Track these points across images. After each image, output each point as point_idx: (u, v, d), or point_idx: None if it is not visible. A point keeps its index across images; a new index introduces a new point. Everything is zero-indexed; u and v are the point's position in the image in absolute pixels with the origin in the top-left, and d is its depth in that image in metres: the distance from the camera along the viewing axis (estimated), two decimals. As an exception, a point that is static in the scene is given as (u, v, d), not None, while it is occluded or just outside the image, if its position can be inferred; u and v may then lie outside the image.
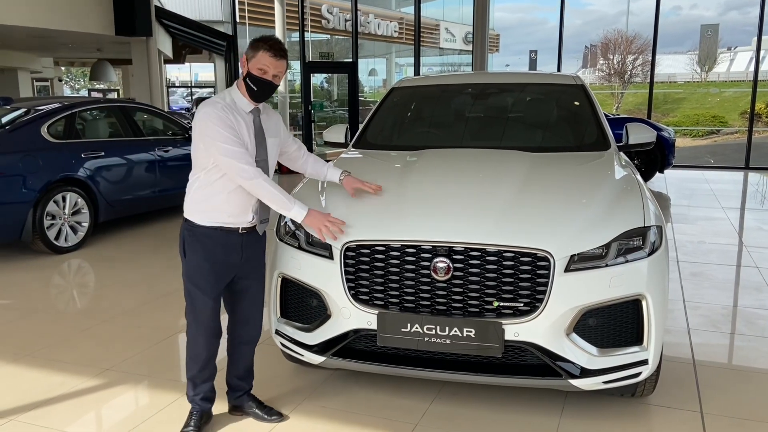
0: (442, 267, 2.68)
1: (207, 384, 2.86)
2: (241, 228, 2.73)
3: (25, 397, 3.20)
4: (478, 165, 3.54)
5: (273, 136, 2.83)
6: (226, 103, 2.66)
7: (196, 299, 2.73)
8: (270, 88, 2.68)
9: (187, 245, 2.73)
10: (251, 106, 2.71)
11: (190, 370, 2.83)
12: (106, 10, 10.53)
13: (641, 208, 2.89)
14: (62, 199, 6.09)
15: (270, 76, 2.65)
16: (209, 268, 2.70)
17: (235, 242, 2.72)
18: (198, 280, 2.71)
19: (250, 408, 2.97)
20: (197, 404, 2.85)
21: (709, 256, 5.86)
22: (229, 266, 2.75)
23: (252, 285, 2.88)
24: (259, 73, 2.63)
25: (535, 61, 28.82)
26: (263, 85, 2.65)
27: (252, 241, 2.80)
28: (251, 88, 2.66)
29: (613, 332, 2.73)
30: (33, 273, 5.55)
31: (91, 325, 4.22)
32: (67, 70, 35.37)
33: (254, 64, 2.63)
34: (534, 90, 4.66)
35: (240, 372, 2.97)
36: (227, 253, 2.72)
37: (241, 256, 2.76)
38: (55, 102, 6.69)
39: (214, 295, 2.74)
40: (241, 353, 2.96)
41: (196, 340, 2.78)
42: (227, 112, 2.61)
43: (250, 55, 2.66)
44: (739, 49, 32.59)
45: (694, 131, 23.50)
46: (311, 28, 17.24)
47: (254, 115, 2.72)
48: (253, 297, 2.90)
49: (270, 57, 2.62)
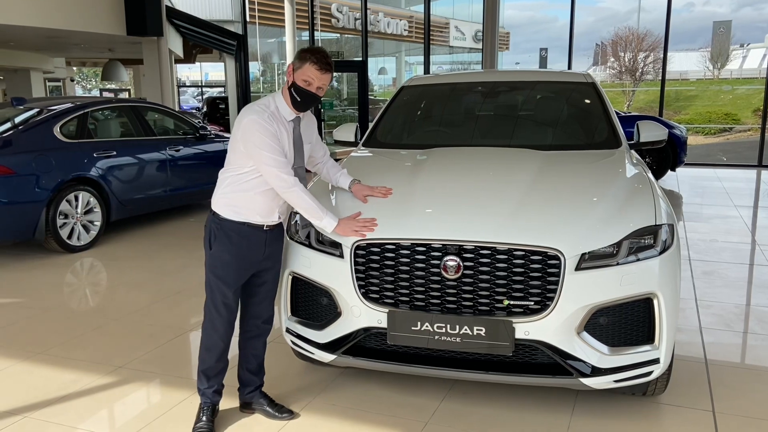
0: (452, 265, 2.68)
1: (220, 377, 2.90)
2: (266, 225, 2.79)
3: (38, 395, 3.23)
4: (488, 163, 3.53)
5: (308, 142, 2.91)
6: (270, 111, 2.71)
7: (217, 291, 2.78)
8: (313, 100, 2.74)
9: (214, 238, 2.77)
10: (293, 115, 2.77)
11: (205, 362, 2.85)
12: (117, 11, 10.60)
13: (653, 206, 2.88)
14: (75, 198, 6.14)
15: (314, 88, 2.70)
16: (233, 261, 2.75)
17: (260, 238, 2.78)
18: (221, 272, 2.76)
19: (260, 405, 2.99)
20: (208, 397, 2.88)
21: (721, 254, 5.82)
22: (252, 261, 2.80)
23: (268, 280, 2.93)
24: (303, 85, 2.69)
25: (546, 59, 28.68)
26: (307, 96, 2.71)
27: (275, 238, 2.87)
28: (295, 98, 2.72)
29: (624, 331, 2.72)
30: (46, 272, 5.60)
31: (103, 324, 4.25)
32: (79, 70, 35.64)
33: (300, 75, 2.69)
34: (544, 88, 4.64)
35: (252, 366, 3.00)
36: (251, 248, 2.78)
37: (264, 252, 2.81)
38: (68, 102, 6.74)
39: (236, 287, 2.80)
40: (253, 347, 2.99)
41: (214, 331, 2.82)
42: (271, 121, 2.67)
43: (296, 66, 2.71)
44: (752, 45, 32.27)
45: (707, 129, 23.31)
46: (321, 27, 17.26)
47: (295, 123, 2.79)
48: (267, 291, 2.95)
49: (316, 70, 2.68)
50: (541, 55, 29.42)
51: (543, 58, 28.84)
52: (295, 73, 2.71)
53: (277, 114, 2.73)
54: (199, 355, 2.88)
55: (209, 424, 2.84)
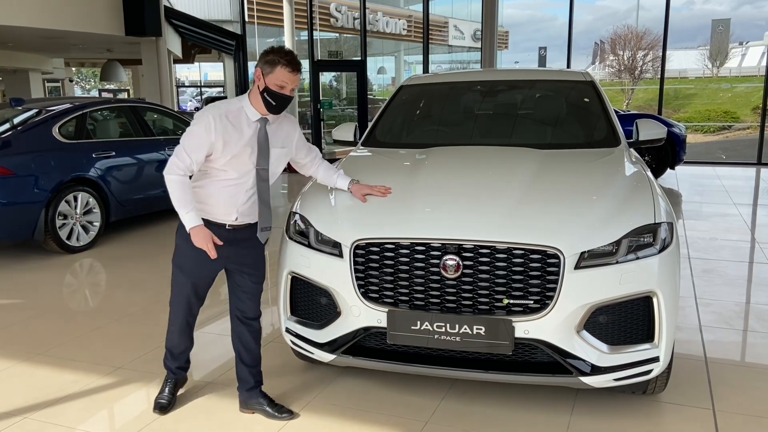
0: (451, 265, 2.68)
1: (184, 354, 3.12)
2: (228, 224, 2.81)
3: (38, 395, 3.23)
4: (488, 162, 3.53)
5: (280, 146, 2.88)
6: (229, 110, 2.73)
7: (177, 278, 2.93)
8: (286, 101, 2.75)
9: (179, 230, 2.84)
10: (259, 116, 2.76)
11: (170, 340, 3.07)
12: (116, 11, 10.59)
13: (652, 204, 2.88)
14: (74, 198, 6.13)
15: (288, 90, 2.71)
16: (193, 253, 2.79)
17: (221, 236, 2.79)
18: (181, 262, 2.89)
19: (260, 405, 2.99)
20: (173, 372, 3.11)
21: (721, 252, 5.82)
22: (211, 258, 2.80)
23: (245, 280, 2.94)
24: (277, 89, 2.69)
25: (545, 57, 28.68)
26: (282, 99, 2.72)
27: (242, 238, 2.86)
28: (270, 102, 2.71)
29: (624, 329, 2.72)
30: (45, 272, 5.59)
31: (102, 324, 4.25)
32: (78, 71, 35.62)
33: (272, 80, 2.68)
34: (543, 87, 4.64)
35: (246, 359, 3.01)
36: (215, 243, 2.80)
37: (227, 250, 2.82)
38: (66, 102, 6.74)
39: (194, 279, 2.89)
40: (244, 340, 3.00)
41: (176, 316, 3.00)
42: (220, 122, 2.67)
43: (267, 70, 2.69)
44: (751, 43, 32.28)
45: (706, 127, 23.31)
46: (320, 26, 17.25)
47: (261, 124, 2.77)
48: (247, 290, 2.96)
49: (288, 72, 2.68)
50: (540, 53, 29.43)
51: (542, 57, 28.84)
52: (266, 77, 2.69)
53: (239, 114, 2.73)
54: (166, 334, 3.08)
55: (170, 396, 3.07)
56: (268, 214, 2.86)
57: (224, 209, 2.79)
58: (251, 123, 2.75)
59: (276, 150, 2.84)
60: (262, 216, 2.84)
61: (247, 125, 2.74)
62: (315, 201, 3.21)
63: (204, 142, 2.67)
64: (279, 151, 2.86)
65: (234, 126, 2.70)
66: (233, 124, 2.70)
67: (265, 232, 2.88)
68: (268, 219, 2.87)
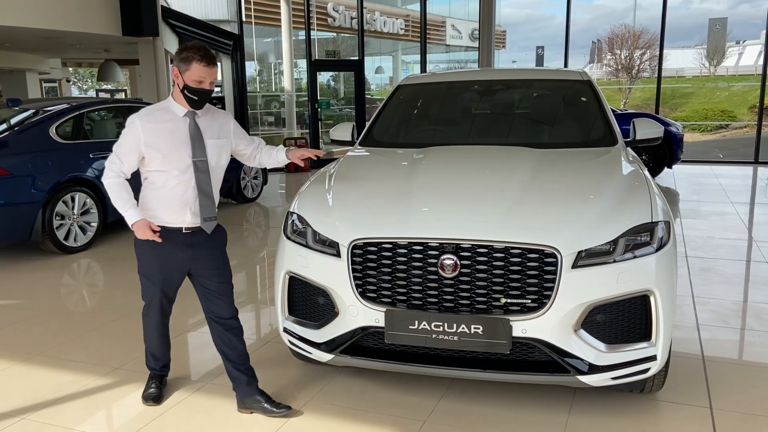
0: (449, 264, 2.68)
1: (165, 356, 3.21)
2: (184, 228, 2.85)
3: (36, 396, 3.22)
4: (485, 162, 3.53)
5: (214, 137, 2.91)
6: (155, 110, 2.85)
7: (147, 288, 3.00)
8: (207, 95, 2.83)
9: (137, 241, 2.89)
10: (185, 111, 2.83)
11: (149, 344, 3.15)
12: (112, 11, 10.57)
13: (649, 203, 2.88)
14: (71, 199, 6.13)
15: (207, 84, 2.78)
16: (155, 261, 2.90)
17: (179, 241, 2.86)
18: (146, 272, 2.96)
19: (257, 403, 2.98)
20: (157, 371, 3.21)
21: (718, 251, 5.83)
22: (176, 262, 2.90)
23: (210, 282, 2.95)
24: (196, 84, 2.76)
25: (542, 57, 28.70)
26: (201, 94, 2.79)
27: (200, 241, 2.89)
28: (191, 98, 2.79)
29: (621, 328, 2.72)
30: (43, 273, 5.59)
31: (100, 325, 4.25)
32: (75, 71, 35.54)
33: (190, 77, 2.75)
34: (540, 86, 4.65)
35: (233, 357, 3.02)
36: (172, 250, 2.87)
37: (187, 254, 2.88)
38: (63, 103, 6.73)
39: (161, 285, 2.95)
40: (226, 341, 3.01)
41: (149, 320, 3.08)
42: (147, 124, 2.77)
43: (183, 68, 2.76)
44: (748, 42, 32.32)
45: (703, 126, 23.35)
46: (317, 26, 17.24)
47: (189, 118, 2.83)
48: (214, 291, 2.97)
49: (204, 67, 2.74)
50: (537, 53, 29.45)
51: (540, 56, 28.86)
52: (183, 75, 2.75)
53: (165, 113, 2.82)
54: (144, 338, 3.15)
55: (158, 390, 3.14)
56: (209, 204, 2.88)
57: (177, 210, 2.83)
58: (179, 119, 2.82)
59: (212, 141, 2.88)
60: (203, 207, 2.86)
61: (175, 122, 2.81)
62: (313, 201, 3.21)
63: (134, 145, 2.77)
64: (215, 142, 2.90)
65: (161, 125, 2.79)
66: (160, 124, 2.79)
67: (209, 222, 2.89)
68: (210, 209, 2.89)
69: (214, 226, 2.91)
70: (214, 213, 2.90)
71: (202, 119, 2.87)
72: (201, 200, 2.85)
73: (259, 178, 9.12)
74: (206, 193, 2.86)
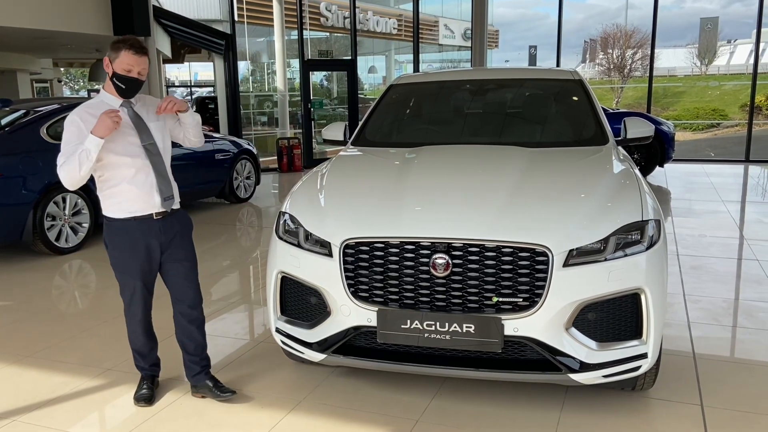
0: (441, 263, 2.68)
1: (153, 353, 3.19)
2: (155, 214, 2.90)
3: (27, 398, 3.21)
4: (477, 161, 3.54)
5: (154, 120, 2.96)
6: (90, 105, 2.87)
7: (126, 284, 3.00)
8: (136, 85, 2.86)
9: (108, 238, 2.97)
10: (120, 101, 2.88)
11: (134, 342, 3.13)
12: (104, 11, 10.52)
13: (639, 202, 2.90)
14: (62, 200, 6.10)
15: (135, 73, 2.81)
16: (130, 254, 2.93)
17: (152, 228, 2.91)
18: (123, 267, 2.97)
19: (206, 387, 3.11)
20: (147, 371, 3.18)
21: (709, 249, 5.86)
22: (150, 250, 2.95)
23: (179, 267, 3.02)
24: (124, 72, 2.80)
25: (535, 56, 28.78)
26: (130, 82, 2.83)
27: (170, 225, 2.97)
28: (120, 86, 2.83)
29: (613, 326, 2.73)
30: (34, 274, 5.56)
31: (92, 326, 4.23)
32: (66, 71, 35.36)
33: (118, 65, 2.79)
34: (532, 85, 4.66)
35: (190, 350, 3.12)
36: (146, 238, 2.92)
37: (161, 239, 2.95)
38: (55, 103, 6.69)
39: (141, 276, 2.97)
40: (186, 331, 3.11)
41: (134, 317, 3.06)
42: (86, 117, 2.80)
43: (113, 57, 2.80)
44: (739, 41, 32.51)
45: (694, 125, 23.47)
46: (310, 25, 17.22)
47: (126, 107, 2.88)
48: (183, 277, 3.04)
49: (132, 55, 2.78)
50: (530, 52, 29.53)
51: (532, 56, 28.94)
52: (113, 63, 2.80)
53: (100, 106, 2.84)
54: (128, 336, 3.14)
55: (149, 390, 3.12)
56: (165, 184, 2.92)
57: (145, 196, 2.88)
58: (117, 109, 2.84)
59: (153, 124, 2.94)
60: (160, 187, 2.90)
61: None
62: (304, 201, 3.21)
63: (76, 134, 2.79)
64: (156, 124, 2.96)
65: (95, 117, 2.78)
66: (96, 117, 2.77)
67: (169, 201, 2.94)
68: (168, 189, 2.94)
69: (172, 204, 2.96)
70: (171, 192, 2.96)
71: (137, 106, 2.93)
72: (157, 180, 2.89)
73: (251, 178, 9.10)
74: (161, 173, 2.92)
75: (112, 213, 2.93)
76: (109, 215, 2.95)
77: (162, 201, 2.91)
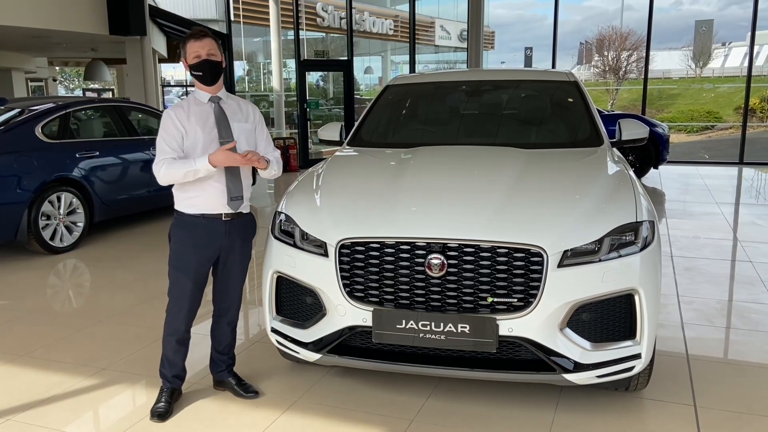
0: (436, 263, 2.69)
1: (180, 363, 3.08)
2: (224, 215, 2.89)
3: (22, 397, 3.20)
4: (472, 162, 3.55)
5: (242, 121, 2.97)
6: (184, 101, 2.94)
7: (178, 281, 2.95)
8: (211, 66, 2.87)
9: (173, 232, 2.96)
10: (208, 95, 2.93)
11: (167, 347, 3.03)
12: (100, 10, 10.50)
13: (633, 203, 2.91)
14: (57, 199, 6.08)
15: (204, 55, 2.83)
16: (191, 253, 2.91)
17: (219, 229, 2.90)
18: (180, 264, 2.93)
19: (229, 384, 3.16)
20: (168, 381, 3.07)
21: (703, 250, 5.89)
22: (212, 251, 2.93)
23: (235, 270, 3.04)
24: (196, 60, 2.83)
25: (531, 58, 28.82)
26: (203, 66, 2.85)
27: (237, 227, 2.96)
28: (198, 75, 2.86)
29: (606, 327, 2.75)
30: (29, 273, 5.54)
31: (87, 325, 4.22)
32: (62, 70, 35.24)
33: (189, 57, 2.85)
34: (527, 87, 4.68)
35: (221, 348, 3.17)
36: (211, 239, 2.90)
37: (225, 241, 2.92)
38: (50, 102, 6.68)
39: (194, 278, 2.93)
40: (222, 331, 3.16)
41: (176, 318, 2.98)
42: (178, 110, 2.87)
43: (184, 54, 2.87)
44: (734, 44, 32.63)
45: (689, 127, 23.56)
46: (306, 26, 17.22)
47: (214, 102, 2.92)
48: (234, 281, 3.06)
49: (194, 41, 2.84)
50: (526, 54, 29.57)
51: (528, 57, 28.98)
52: (186, 59, 2.88)
53: (191, 102, 2.92)
54: (163, 340, 3.05)
55: (167, 405, 3.00)
56: (235, 184, 2.90)
57: (216, 196, 2.87)
58: (204, 104, 2.91)
59: (238, 125, 2.94)
60: (229, 187, 2.89)
61: (200, 107, 2.90)
62: (301, 201, 3.22)
63: (175, 132, 2.84)
64: (242, 125, 2.96)
65: (190, 113, 2.87)
66: (189, 112, 2.87)
67: (236, 202, 2.92)
68: (237, 189, 2.91)
69: (240, 206, 2.94)
70: (240, 193, 2.93)
71: (227, 104, 2.95)
72: (227, 178, 2.88)
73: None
74: (234, 174, 2.90)
75: (182, 208, 2.91)
76: (179, 209, 2.93)
77: (229, 200, 2.89)
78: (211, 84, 2.90)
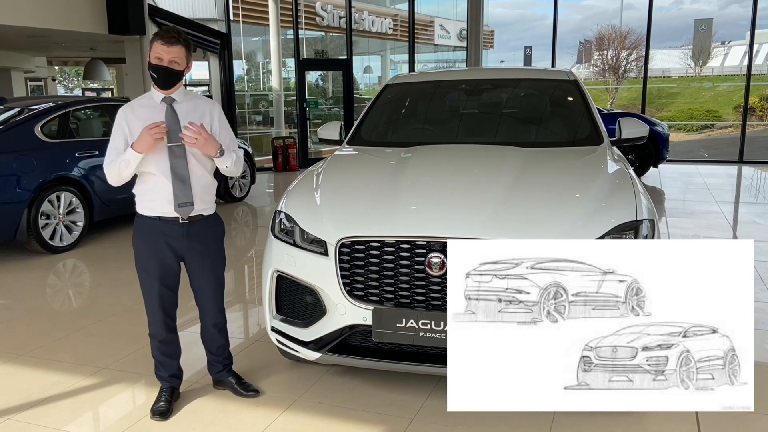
0: (436, 262, 2.69)
1: (173, 362, 3.08)
2: (180, 218, 2.85)
3: (21, 397, 3.20)
4: (472, 161, 3.55)
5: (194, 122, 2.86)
6: (138, 99, 2.94)
7: (145, 282, 2.95)
8: (168, 74, 2.80)
9: (135, 234, 2.94)
10: (161, 96, 2.87)
11: (153, 349, 3.06)
12: (99, 9, 10.49)
13: (633, 201, 2.91)
14: (57, 198, 6.08)
15: (166, 62, 2.78)
16: (152, 254, 2.89)
17: (176, 232, 2.87)
18: (143, 265, 2.93)
19: (229, 383, 3.16)
20: (166, 381, 3.07)
21: (703, 249, 5.88)
22: (173, 252, 2.90)
23: (204, 272, 2.98)
24: (156, 62, 2.79)
25: (530, 57, 28.81)
26: (160, 71, 2.80)
27: (197, 230, 2.91)
28: (153, 76, 2.84)
29: (607, 325, 2.74)
30: (28, 273, 5.54)
31: (87, 325, 4.22)
32: (61, 70, 35.23)
33: (152, 55, 2.82)
34: (527, 85, 4.68)
35: (213, 350, 3.16)
36: (170, 240, 2.88)
37: (185, 244, 2.89)
38: (49, 101, 6.67)
39: (160, 277, 2.91)
40: (208, 333, 3.14)
41: (154, 319, 2.99)
42: (127, 110, 2.87)
43: (149, 49, 2.84)
44: (733, 43, 32.64)
45: (688, 126, 23.57)
46: (305, 25, 17.20)
47: (166, 103, 2.86)
48: (205, 283, 3.01)
49: (161, 44, 2.79)
50: (525, 53, 29.55)
51: (528, 56, 28.96)
52: (149, 55, 2.82)
53: (144, 101, 2.90)
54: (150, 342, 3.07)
55: (167, 404, 2.99)
56: (183, 189, 2.82)
57: (167, 197, 2.83)
58: (156, 105, 2.86)
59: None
60: (176, 192, 2.81)
61: (151, 108, 2.86)
62: (300, 200, 3.22)
63: (120, 132, 2.85)
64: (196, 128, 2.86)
65: (139, 113, 2.84)
66: (139, 111, 2.85)
67: (184, 208, 2.84)
68: (186, 195, 2.83)
69: (189, 212, 2.85)
70: (189, 199, 2.84)
71: (181, 105, 2.88)
72: (174, 184, 2.81)
73: (247, 177, 9.09)
74: (180, 177, 2.81)
75: (141, 209, 2.91)
76: (139, 211, 2.92)
77: (176, 206, 2.82)
78: (163, 88, 2.85)
